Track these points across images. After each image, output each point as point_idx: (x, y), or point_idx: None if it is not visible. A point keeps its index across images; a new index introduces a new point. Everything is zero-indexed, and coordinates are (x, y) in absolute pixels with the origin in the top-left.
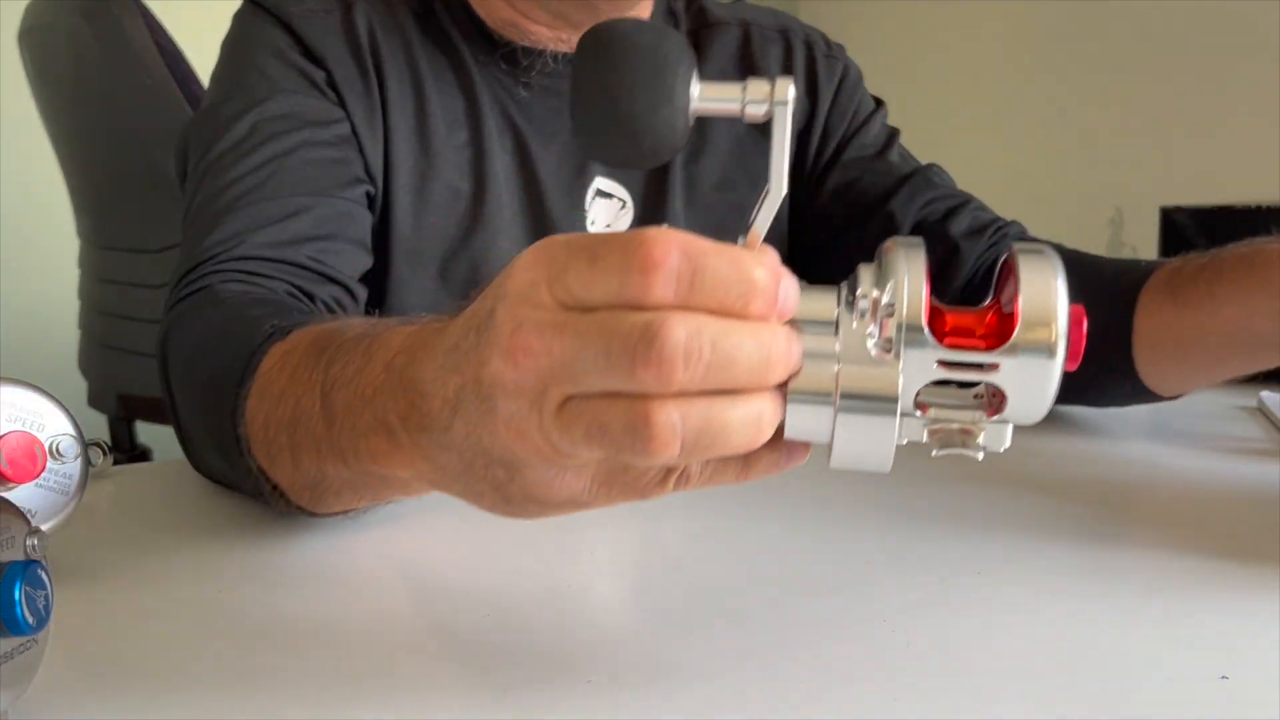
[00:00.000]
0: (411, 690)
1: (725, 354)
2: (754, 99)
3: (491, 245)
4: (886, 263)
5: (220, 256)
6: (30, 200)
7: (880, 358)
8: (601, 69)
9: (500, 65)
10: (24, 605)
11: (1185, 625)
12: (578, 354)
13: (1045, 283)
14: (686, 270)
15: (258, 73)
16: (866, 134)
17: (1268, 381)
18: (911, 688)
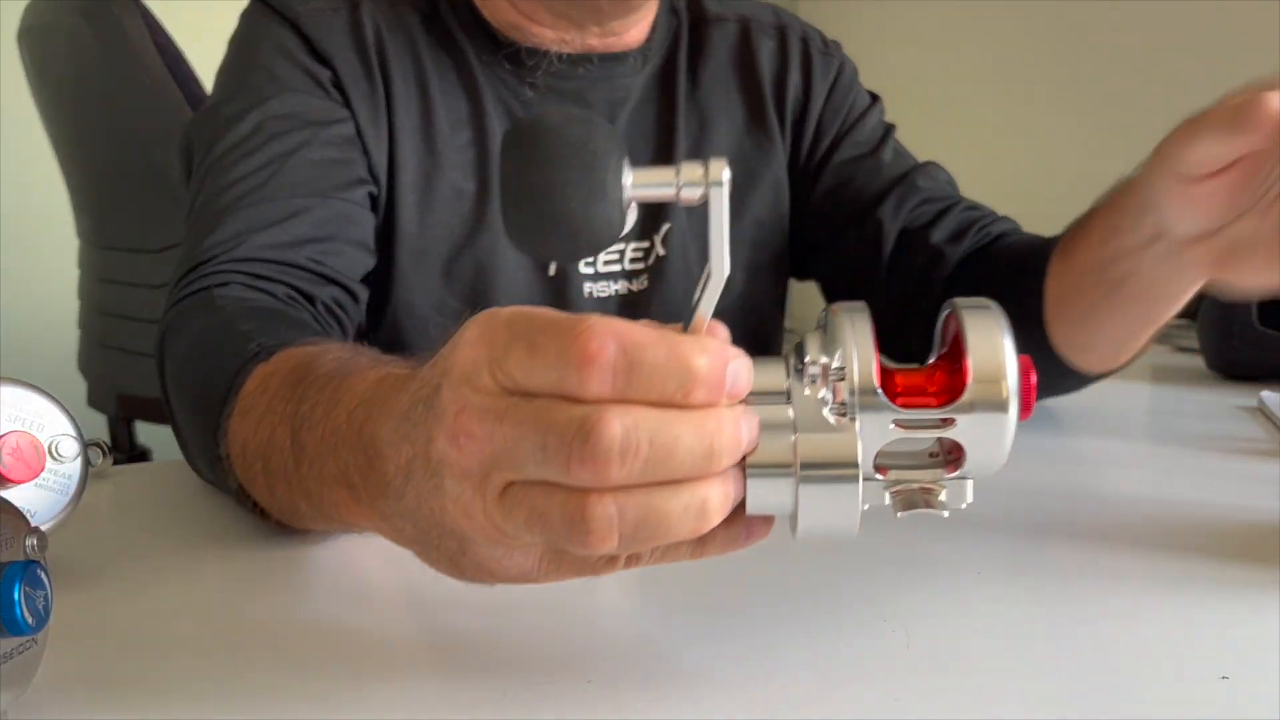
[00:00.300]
0: (412, 690)
1: (663, 448)
2: (689, 181)
3: (496, 245)
4: (832, 328)
5: (220, 257)
6: (30, 200)
7: (837, 424)
8: (531, 169)
9: (505, 66)
10: (23, 605)
11: (1185, 625)
12: (517, 443)
13: (992, 339)
14: (623, 363)
15: (264, 72)
16: (860, 131)
17: (1268, 381)
18: (912, 688)
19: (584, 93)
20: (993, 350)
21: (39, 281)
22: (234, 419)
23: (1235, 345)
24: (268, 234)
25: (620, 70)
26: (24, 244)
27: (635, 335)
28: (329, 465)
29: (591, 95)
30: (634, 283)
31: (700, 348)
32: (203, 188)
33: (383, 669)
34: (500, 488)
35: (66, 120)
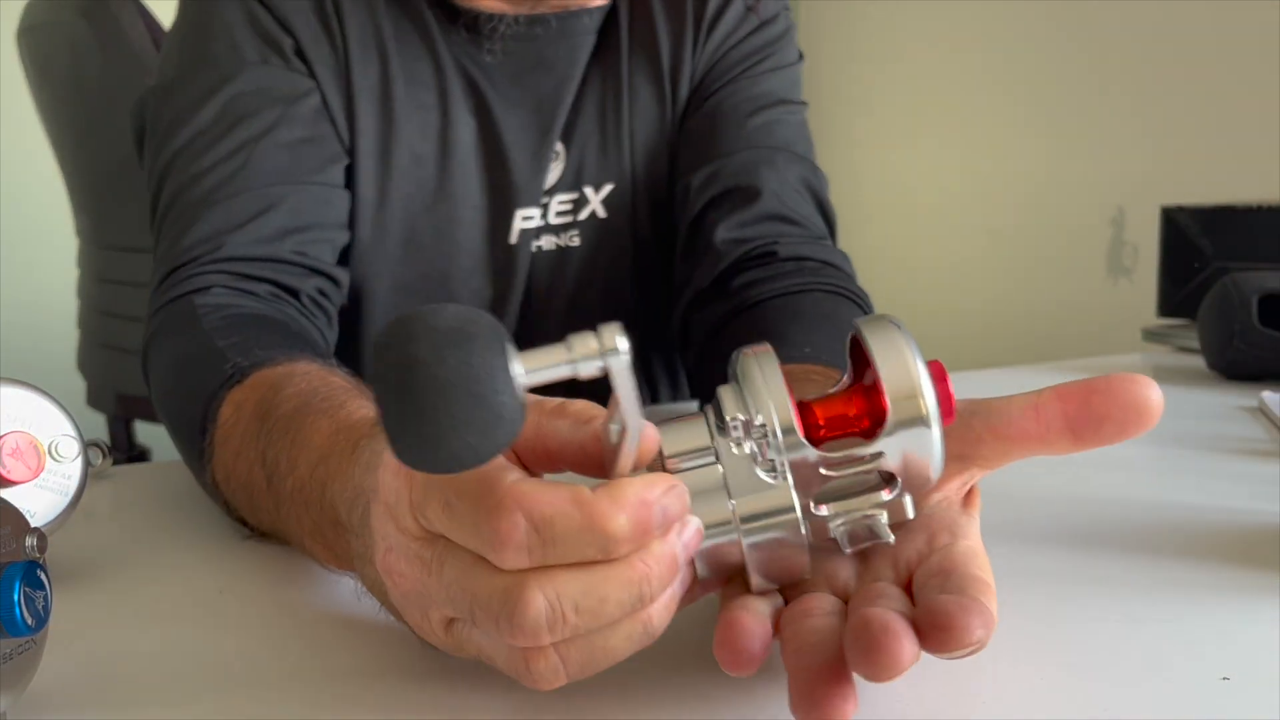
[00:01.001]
0: (413, 688)
1: (590, 611)
2: (583, 357)
3: (455, 214)
4: (743, 379)
5: (201, 259)
6: (30, 200)
7: (769, 480)
8: (416, 423)
9: (463, 32)
10: (23, 606)
11: (1185, 626)
12: (446, 600)
13: (899, 355)
14: (537, 540)
15: (225, 43)
16: (745, 89)
17: (1268, 381)
18: (912, 689)
19: (542, 51)
20: (904, 368)
21: (39, 281)
22: (215, 445)
23: (1235, 345)
24: (246, 230)
25: (579, 26)
26: (24, 244)
27: (546, 508)
28: (305, 520)
29: (550, 53)
30: (561, 237)
31: (617, 507)
32: (170, 176)
33: (383, 667)
34: (444, 621)
35: (66, 120)
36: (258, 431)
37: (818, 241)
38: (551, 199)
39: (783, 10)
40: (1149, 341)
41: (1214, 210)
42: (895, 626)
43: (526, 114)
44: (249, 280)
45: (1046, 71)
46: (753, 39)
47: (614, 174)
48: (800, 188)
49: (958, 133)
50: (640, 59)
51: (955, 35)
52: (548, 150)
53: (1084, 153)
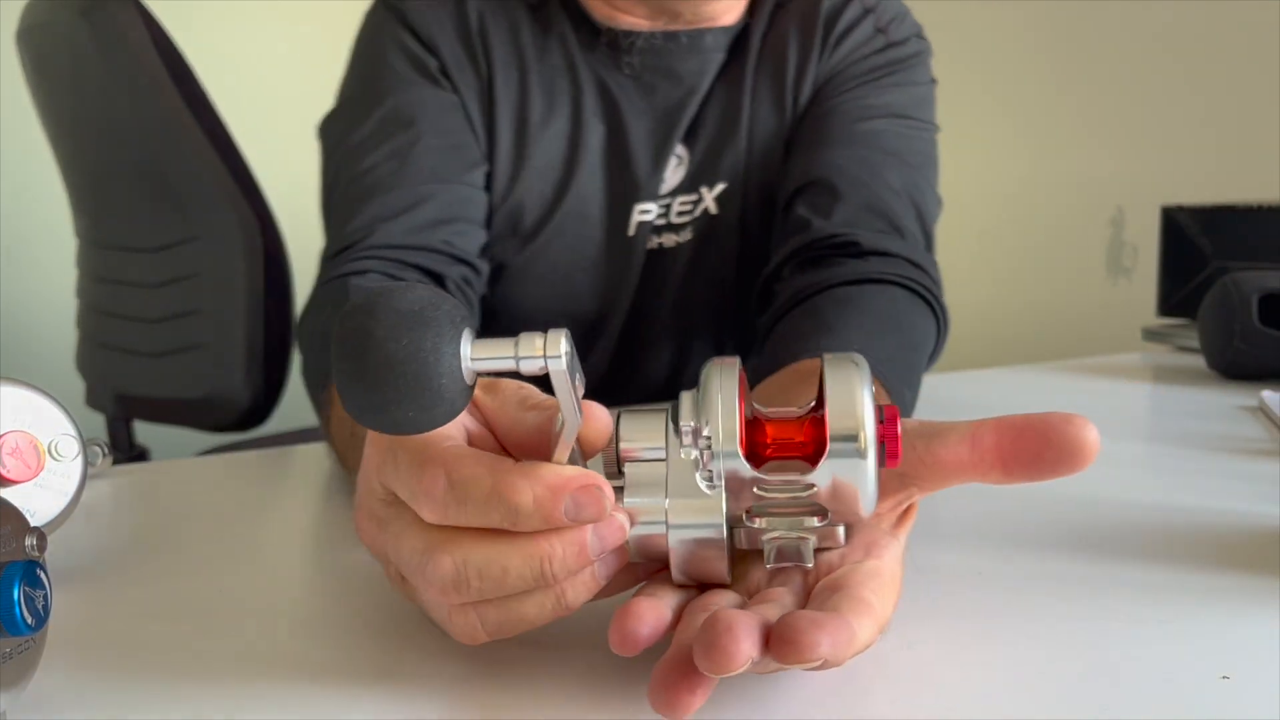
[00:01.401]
0: (413, 688)
1: (493, 579)
2: (526, 355)
3: (582, 209)
4: (703, 389)
5: (360, 244)
6: (30, 200)
7: (705, 488)
8: (362, 388)
9: (604, 50)
10: (23, 605)
11: (1185, 625)
12: (385, 554)
13: (849, 391)
14: (452, 499)
15: (384, 67)
16: (864, 96)
17: (1268, 381)
18: (912, 690)
19: (674, 66)
20: (850, 404)
21: (39, 281)
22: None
23: (1235, 345)
24: (400, 221)
25: (708, 43)
26: (24, 244)
27: (465, 470)
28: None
29: (681, 68)
30: (680, 235)
31: (526, 482)
32: (338, 178)
33: (383, 667)
34: (397, 575)
35: (64, 120)
36: None
37: (904, 239)
38: (674, 200)
39: (915, 35)
40: (1149, 341)
41: (1214, 210)
42: (738, 629)
43: (653, 120)
44: (401, 266)
45: (1046, 71)
46: (877, 56)
47: (728, 173)
48: (899, 190)
49: (957, 132)
50: (766, 67)
51: (954, 35)
52: (668, 151)
53: (1083, 152)
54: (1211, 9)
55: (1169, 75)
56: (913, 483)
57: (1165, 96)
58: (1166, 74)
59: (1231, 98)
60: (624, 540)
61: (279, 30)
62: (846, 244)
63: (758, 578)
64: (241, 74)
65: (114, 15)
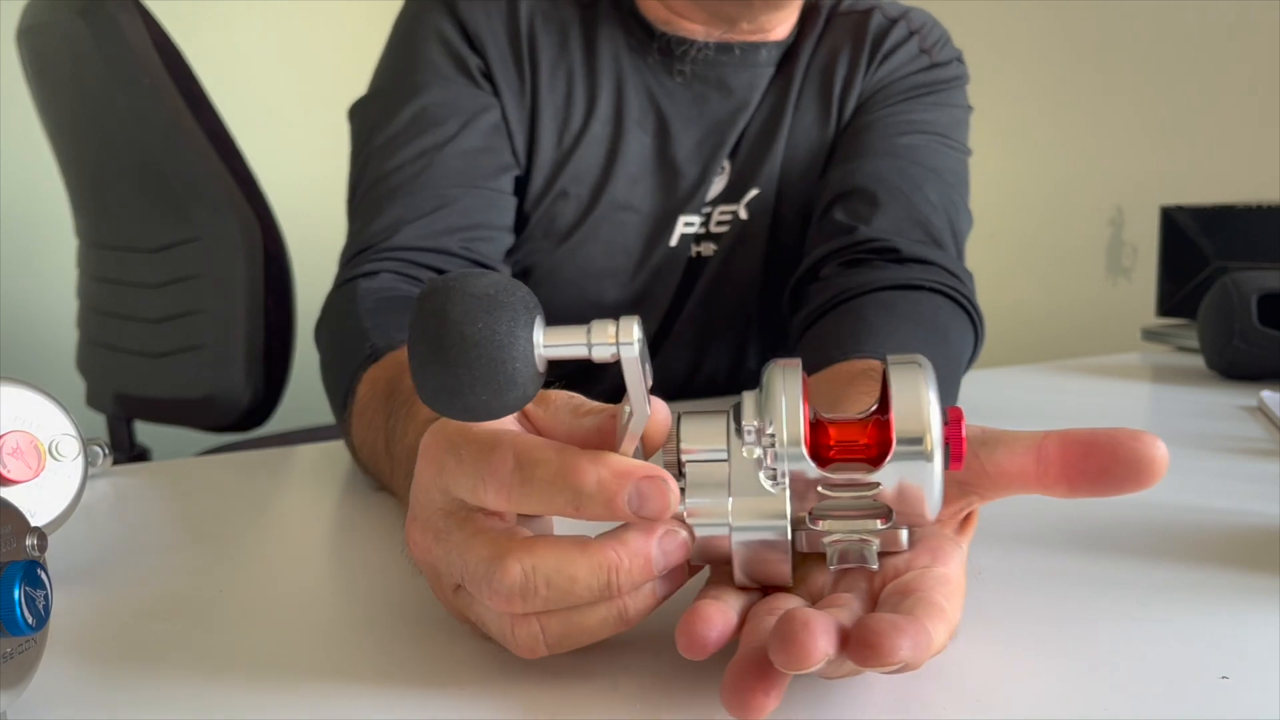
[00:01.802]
0: (412, 688)
1: (560, 588)
2: (599, 342)
3: (618, 217)
4: (766, 389)
5: (378, 245)
6: (30, 200)
7: (769, 487)
8: (437, 370)
9: (655, 55)
10: (23, 606)
11: (1185, 625)
12: (448, 565)
13: (915, 394)
14: (517, 479)
15: (421, 59)
16: (904, 112)
17: (1268, 381)
18: (912, 689)
19: (727, 79)
20: (916, 406)
21: (39, 281)
22: (354, 418)
23: (1235, 345)
24: (420, 224)
25: (760, 58)
26: (24, 244)
27: (533, 450)
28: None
29: (733, 80)
30: (718, 244)
31: (594, 466)
32: (365, 173)
33: (383, 667)
34: (452, 586)
35: (64, 120)
36: (385, 405)
37: (942, 250)
38: (714, 209)
39: (956, 59)
40: (1149, 341)
41: (1214, 210)
42: (815, 626)
43: (702, 131)
44: (415, 267)
45: (1045, 71)
46: (920, 75)
47: (761, 180)
48: (936, 204)
49: None
50: (814, 81)
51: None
52: (716, 165)
53: (1083, 153)
54: (1212, 9)
55: (1169, 75)
56: (973, 490)
57: (1165, 96)
58: (1167, 74)
59: (1231, 98)
60: (686, 557)
61: (279, 30)
62: (887, 249)
63: (820, 581)
64: (241, 74)
65: (114, 15)
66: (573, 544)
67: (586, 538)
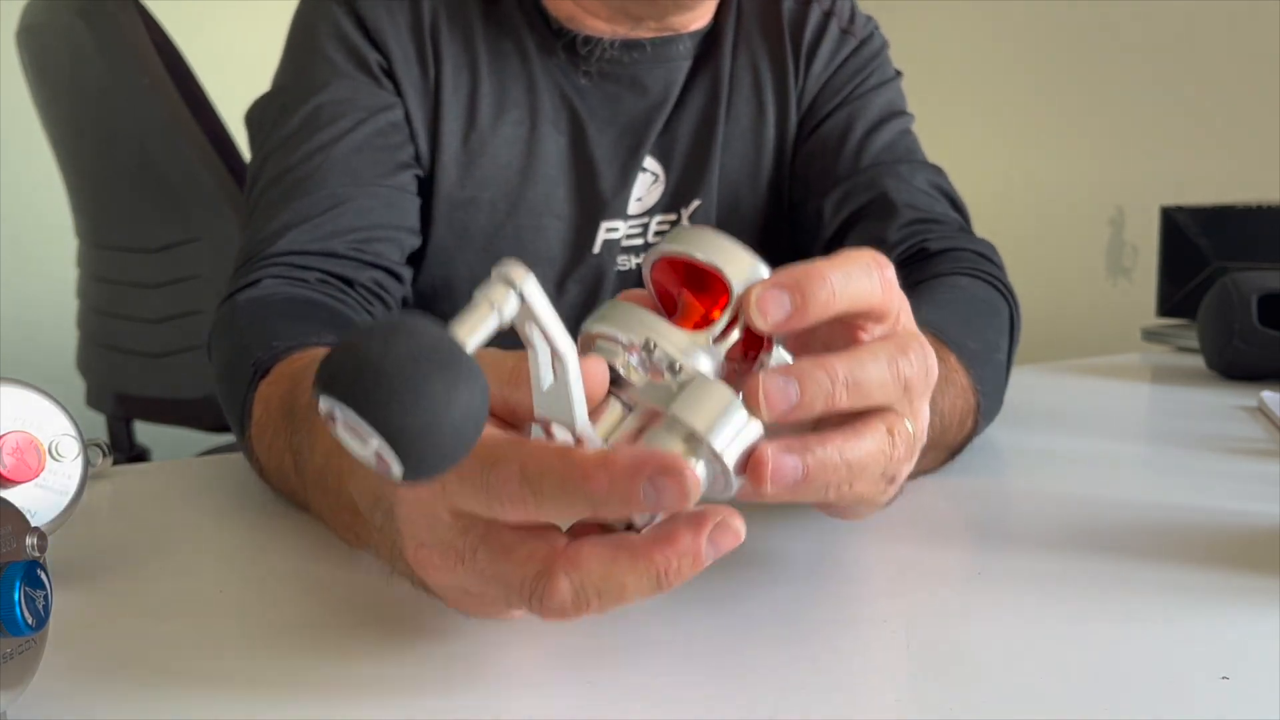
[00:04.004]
0: (411, 689)
1: (613, 595)
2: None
3: (538, 221)
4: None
5: (265, 253)
6: (30, 200)
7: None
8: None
9: (561, 55)
10: (23, 606)
11: (1185, 625)
12: (480, 584)
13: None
14: (529, 492)
15: (320, 56)
16: (856, 110)
17: (1268, 381)
18: (912, 689)
19: (640, 77)
20: (727, 250)
21: (39, 281)
22: (253, 441)
23: (1235, 345)
24: (308, 227)
25: (674, 51)
26: (24, 244)
27: (538, 461)
28: (325, 502)
29: (648, 78)
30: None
31: (602, 471)
32: (260, 174)
33: (383, 668)
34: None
35: (64, 120)
36: (284, 423)
37: (963, 233)
38: (651, 219)
39: (875, 29)
40: (1149, 341)
41: (1214, 210)
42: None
43: (617, 132)
44: (301, 270)
45: (1045, 71)
46: (853, 60)
47: (701, 191)
48: (930, 190)
49: (956, 132)
50: (743, 82)
51: (952, 36)
52: (635, 167)
53: (1084, 153)
54: (1211, 9)
55: (1168, 75)
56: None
57: (1165, 96)
58: (1166, 74)
59: (1231, 98)
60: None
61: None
62: (916, 252)
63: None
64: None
65: (114, 15)
66: (618, 547)
67: (630, 540)
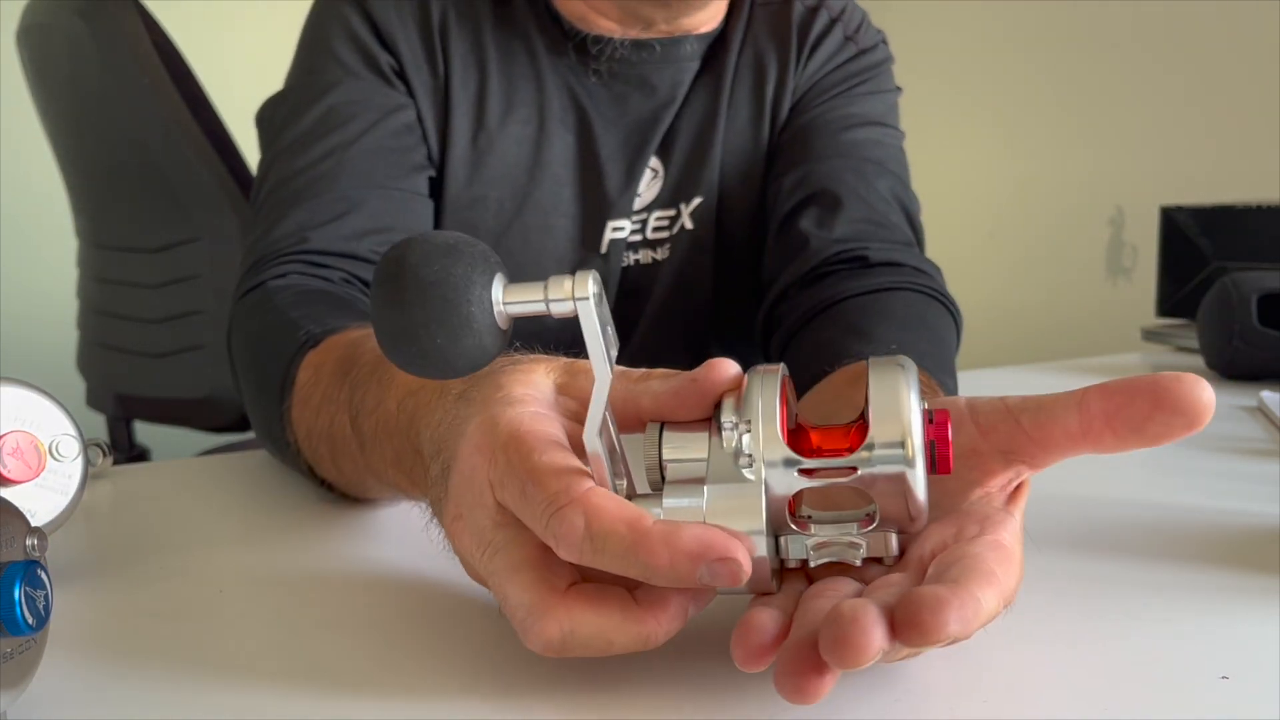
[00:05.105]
0: (411, 689)
1: (598, 647)
2: (555, 298)
3: (546, 220)
4: (745, 390)
5: (283, 251)
6: (30, 200)
7: (745, 476)
8: (394, 312)
9: (571, 55)
10: (23, 605)
11: (1185, 625)
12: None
13: (895, 395)
14: (589, 548)
15: (332, 57)
16: (842, 107)
17: (1268, 381)
18: (913, 689)
19: (648, 77)
20: (894, 402)
21: (39, 281)
22: (294, 408)
23: (1235, 345)
24: (327, 229)
25: (682, 52)
26: (24, 244)
27: (606, 522)
28: (387, 450)
29: (656, 78)
30: (657, 251)
31: (665, 546)
32: (269, 174)
33: (383, 668)
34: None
35: (64, 120)
36: (340, 383)
37: (907, 248)
38: (650, 215)
39: (881, 42)
40: (1148, 341)
41: (1213, 210)
42: (865, 619)
43: (624, 132)
44: (322, 269)
45: (1045, 71)
46: (851, 64)
47: (703, 187)
48: (889, 198)
49: (956, 132)
50: (745, 80)
51: (952, 35)
52: (641, 166)
53: (1083, 152)
54: (1211, 9)
55: (1168, 76)
56: (1019, 459)
57: (1164, 96)
58: (1165, 74)
59: (1231, 98)
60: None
61: (279, 31)
62: (855, 258)
63: (871, 573)
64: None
65: (114, 15)
66: (613, 606)
67: (625, 597)
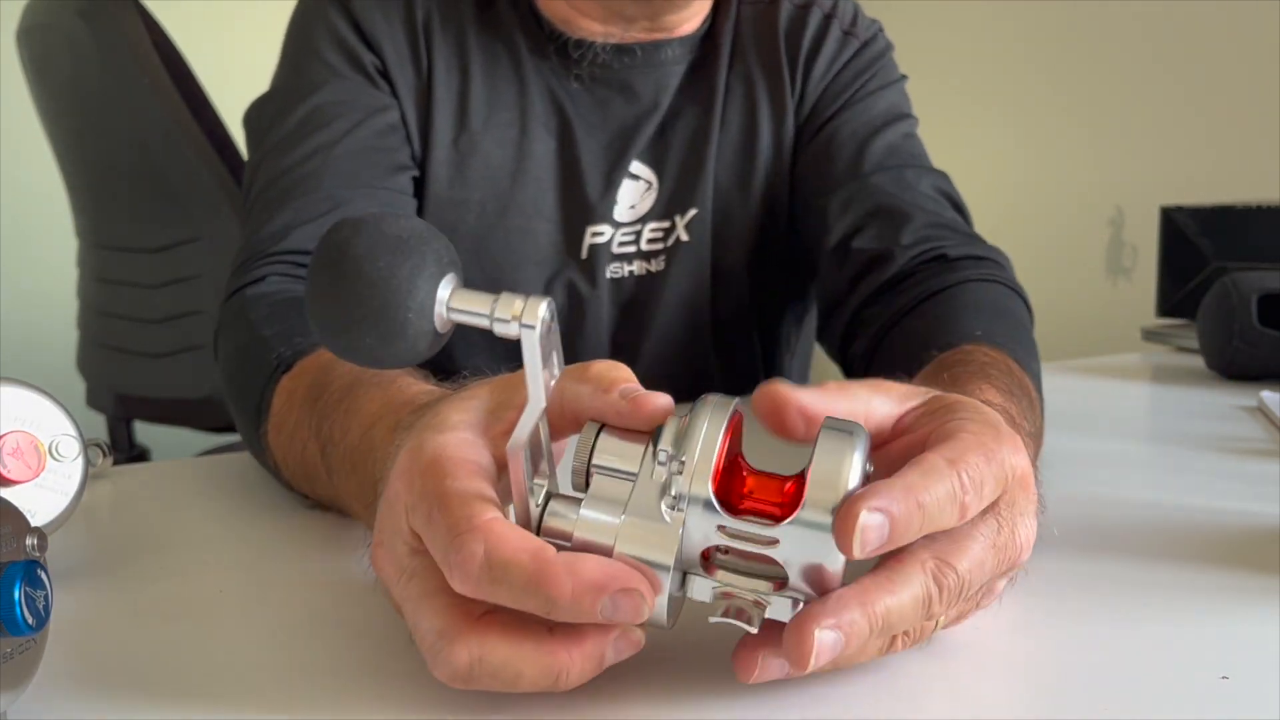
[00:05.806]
0: (412, 689)
1: (506, 680)
2: (501, 316)
3: (527, 224)
4: (691, 419)
5: (268, 251)
6: (30, 200)
7: (665, 516)
8: (329, 303)
9: (553, 58)
10: (23, 605)
11: (1185, 625)
12: (398, 605)
13: (838, 461)
14: (487, 578)
15: (316, 58)
16: (858, 113)
17: (1268, 381)
18: (912, 688)
19: (631, 82)
20: (835, 473)
21: (39, 281)
22: (270, 434)
23: (1235, 345)
24: (309, 228)
25: (664, 57)
26: (24, 244)
27: (506, 552)
28: (350, 483)
29: (638, 83)
30: (651, 263)
31: (568, 578)
32: (258, 174)
33: (383, 668)
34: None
35: (64, 120)
36: (310, 411)
37: (975, 240)
38: (644, 226)
39: (879, 31)
40: (1148, 341)
41: (1213, 210)
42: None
43: (606, 137)
44: (304, 269)
45: (1045, 71)
46: (856, 62)
47: (697, 199)
48: (937, 195)
49: (956, 132)
50: (736, 93)
51: (953, 36)
52: (620, 172)
53: (1083, 153)
54: (1211, 9)
55: (1168, 76)
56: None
57: (1164, 96)
58: (1165, 75)
59: (1231, 98)
60: (632, 653)
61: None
62: (934, 258)
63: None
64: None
65: (114, 15)
66: (525, 636)
67: (539, 629)
